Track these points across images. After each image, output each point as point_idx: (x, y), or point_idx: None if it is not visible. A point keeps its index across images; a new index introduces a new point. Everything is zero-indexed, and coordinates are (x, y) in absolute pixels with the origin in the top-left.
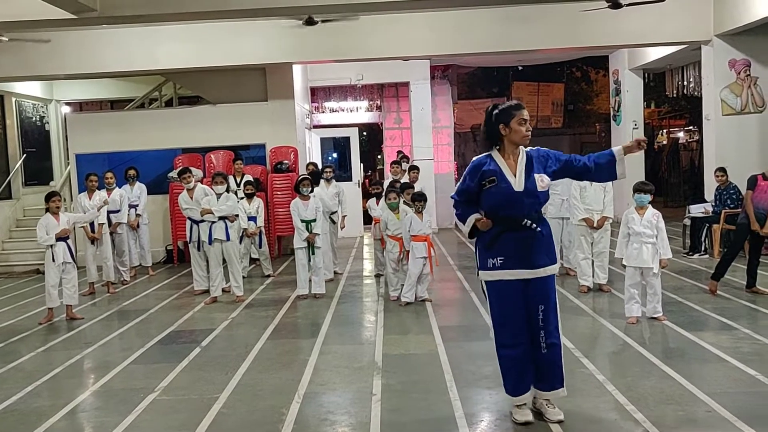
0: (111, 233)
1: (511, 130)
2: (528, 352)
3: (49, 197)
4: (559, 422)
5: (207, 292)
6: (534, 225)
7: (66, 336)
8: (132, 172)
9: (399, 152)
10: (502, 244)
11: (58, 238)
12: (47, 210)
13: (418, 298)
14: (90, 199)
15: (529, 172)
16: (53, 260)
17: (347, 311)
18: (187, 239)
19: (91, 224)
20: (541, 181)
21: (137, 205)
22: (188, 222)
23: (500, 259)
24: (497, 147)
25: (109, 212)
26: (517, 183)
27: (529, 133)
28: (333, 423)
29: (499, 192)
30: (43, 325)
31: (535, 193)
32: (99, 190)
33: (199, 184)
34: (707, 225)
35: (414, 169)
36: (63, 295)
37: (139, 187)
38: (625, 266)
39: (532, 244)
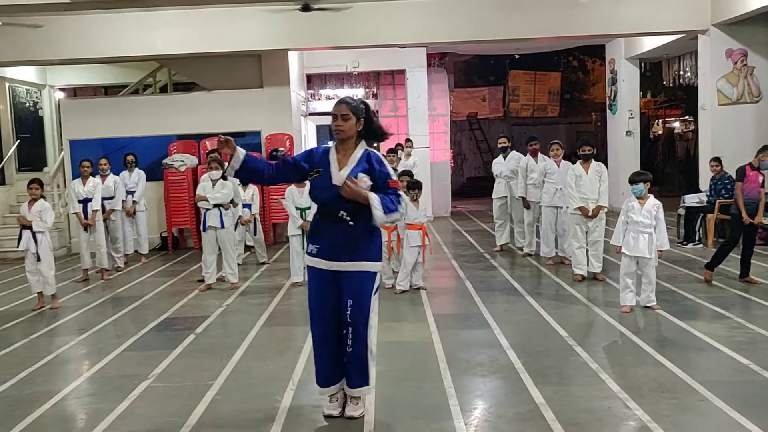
0: (104, 220)
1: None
2: (337, 345)
3: (28, 184)
4: (359, 416)
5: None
6: (348, 218)
7: (60, 322)
8: (131, 157)
9: (407, 140)
10: (319, 232)
11: (22, 226)
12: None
13: (413, 286)
14: (84, 185)
15: (356, 169)
16: (17, 246)
17: None
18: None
19: (85, 210)
20: (363, 181)
21: (134, 191)
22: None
23: (316, 247)
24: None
25: (103, 199)
26: (337, 176)
27: (338, 127)
28: None
29: (321, 182)
30: (36, 311)
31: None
32: (93, 176)
33: None
34: (702, 215)
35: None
36: (42, 283)
37: (138, 174)
38: (621, 255)
39: (345, 236)
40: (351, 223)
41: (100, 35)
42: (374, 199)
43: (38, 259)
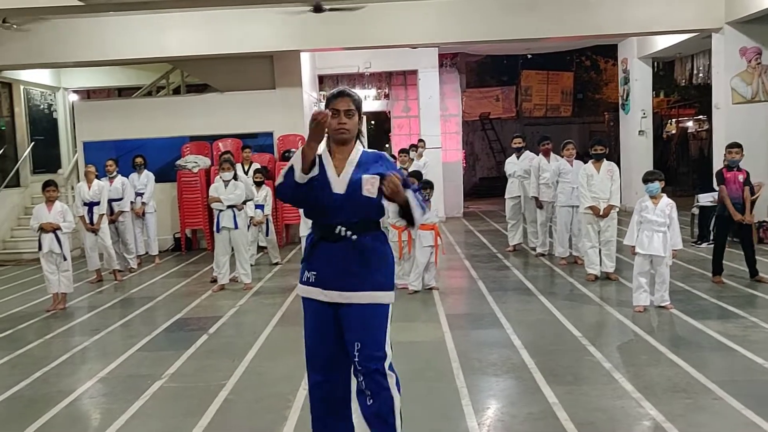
0: (113, 221)
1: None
2: (340, 391)
3: (44, 186)
4: None
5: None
6: (350, 233)
7: (73, 323)
8: (139, 159)
9: (420, 140)
10: (317, 255)
11: (43, 230)
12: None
13: (426, 286)
14: (89, 188)
15: (357, 173)
16: (39, 248)
17: None
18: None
19: (90, 214)
20: (370, 184)
21: (143, 193)
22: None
23: (313, 274)
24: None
25: (111, 200)
26: (337, 183)
27: (343, 126)
28: None
29: (316, 192)
30: (50, 312)
31: (358, 198)
32: (100, 179)
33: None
34: (715, 214)
35: (407, 152)
36: (60, 282)
37: (147, 176)
38: (634, 255)
39: (348, 258)
40: (354, 237)
41: (113, 37)
42: (412, 198)
43: (64, 259)
